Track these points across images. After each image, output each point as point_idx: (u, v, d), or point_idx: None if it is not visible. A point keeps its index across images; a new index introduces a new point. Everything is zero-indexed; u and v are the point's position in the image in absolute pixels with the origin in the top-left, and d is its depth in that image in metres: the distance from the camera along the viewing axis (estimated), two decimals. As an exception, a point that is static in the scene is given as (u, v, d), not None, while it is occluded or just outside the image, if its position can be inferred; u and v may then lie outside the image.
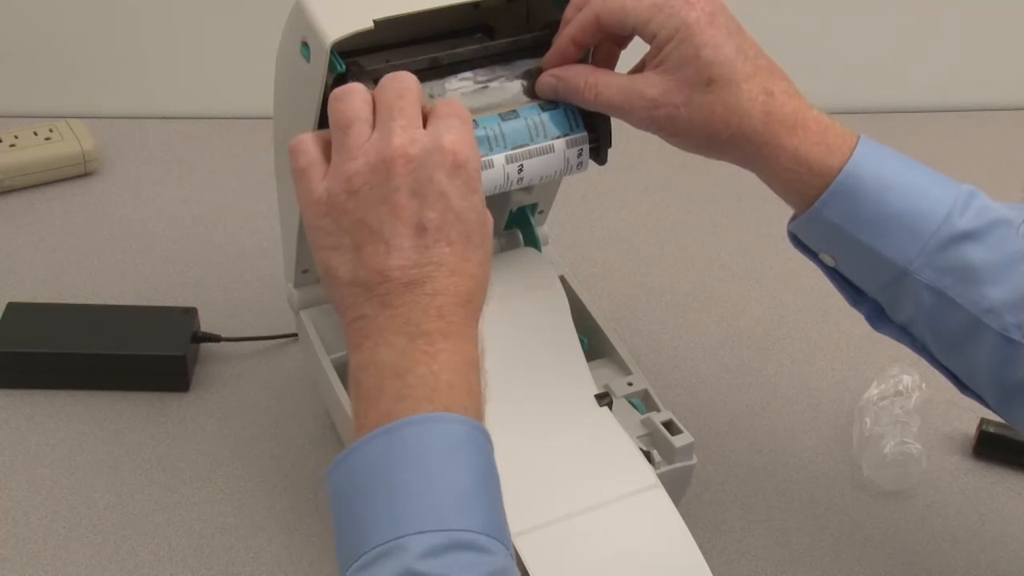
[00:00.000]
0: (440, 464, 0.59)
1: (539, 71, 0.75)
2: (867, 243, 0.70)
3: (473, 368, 0.62)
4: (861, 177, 0.69)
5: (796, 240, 0.74)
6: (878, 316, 0.74)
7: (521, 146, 0.74)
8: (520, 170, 0.74)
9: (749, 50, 0.71)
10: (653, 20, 0.70)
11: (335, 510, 0.61)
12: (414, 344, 0.61)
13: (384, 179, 0.62)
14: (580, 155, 0.76)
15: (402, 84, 0.65)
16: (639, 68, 0.73)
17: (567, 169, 0.76)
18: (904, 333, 0.74)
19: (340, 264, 0.63)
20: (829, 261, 0.73)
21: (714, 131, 0.70)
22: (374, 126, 0.64)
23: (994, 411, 0.74)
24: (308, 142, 0.65)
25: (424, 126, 0.64)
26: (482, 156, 0.73)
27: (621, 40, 0.75)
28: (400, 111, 0.64)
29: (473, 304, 0.63)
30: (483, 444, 0.61)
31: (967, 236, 0.69)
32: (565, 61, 0.74)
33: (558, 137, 0.75)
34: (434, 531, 0.57)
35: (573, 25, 0.73)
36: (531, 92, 0.76)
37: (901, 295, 0.71)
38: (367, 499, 0.59)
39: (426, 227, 0.62)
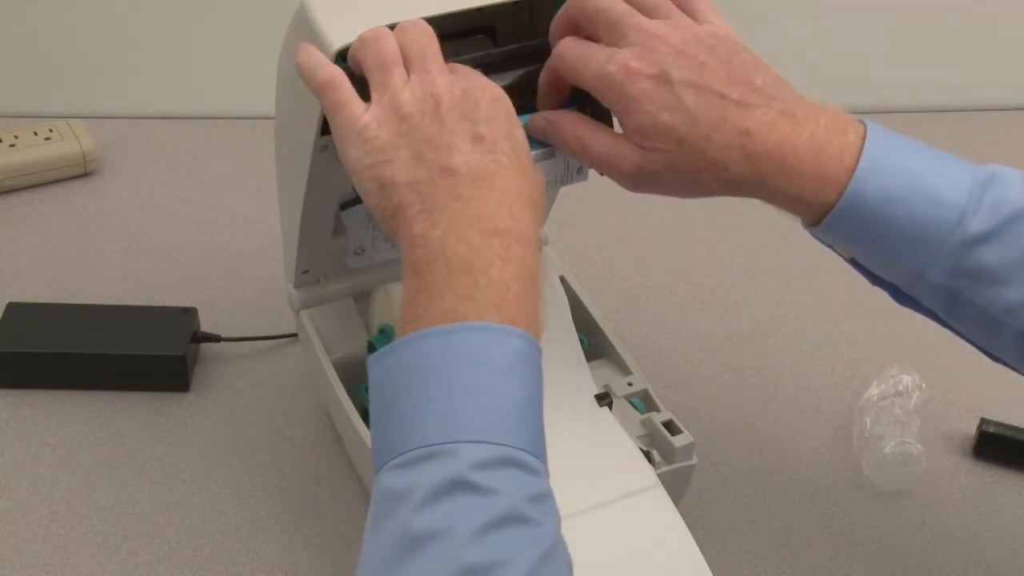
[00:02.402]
0: (500, 377, 0.58)
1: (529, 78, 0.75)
2: (880, 254, 0.69)
3: (536, 282, 0.61)
4: (864, 196, 0.67)
5: (811, 232, 0.72)
6: (900, 294, 0.72)
7: None
8: None
9: (710, 91, 0.67)
10: (600, 94, 0.68)
11: (376, 398, 0.59)
12: (488, 242, 0.60)
13: (434, 108, 0.63)
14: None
15: (426, 33, 0.67)
16: None
17: (568, 175, 0.76)
18: (928, 311, 0.72)
19: (398, 170, 0.63)
20: (845, 254, 0.72)
21: (701, 185, 0.68)
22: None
23: None
24: (341, 79, 0.66)
25: None
26: None
27: None
28: (433, 57, 0.65)
29: (538, 211, 0.63)
30: (540, 364, 0.60)
31: (981, 238, 0.67)
32: (550, 105, 0.74)
33: None
34: (490, 443, 0.56)
35: (541, 78, 0.73)
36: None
37: (919, 291, 0.70)
38: (420, 396, 0.57)
39: (483, 137, 0.63)
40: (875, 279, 0.73)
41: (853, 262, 0.73)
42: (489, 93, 0.65)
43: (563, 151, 0.72)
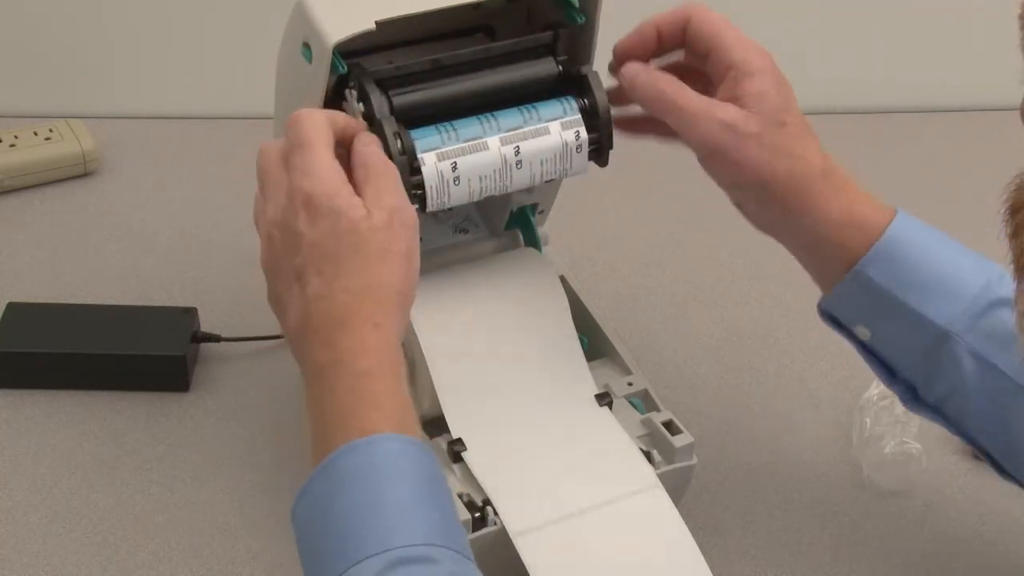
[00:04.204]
0: (369, 488, 0.60)
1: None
2: (910, 305, 0.71)
3: (368, 377, 0.64)
4: (904, 240, 0.71)
5: (829, 317, 0.76)
6: (912, 397, 0.75)
7: (515, 128, 0.74)
8: (517, 152, 0.74)
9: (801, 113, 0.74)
10: (737, 50, 0.72)
11: (300, 556, 0.62)
12: (320, 385, 0.64)
13: (272, 251, 0.67)
14: (578, 137, 0.76)
15: (262, 151, 0.69)
16: None
17: (566, 154, 0.76)
18: (937, 413, 0.75)
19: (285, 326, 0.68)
20: (864, 334, 0.74)
21: (776, 171, 0.71)
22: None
23: None
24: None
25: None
26: (476, 139, 0.74)
27: (685, 66, 0.77)
28: (263, 183, 0.68)
29: (356, 317, 0.64)
30: (411, 452, 0.62)
31: (1007, 303, 0.70)
32: (642, 42, 0.76)
33: (552, 120, 0.75)
34: (376, 554, 0.58)
35: (663, 14, 0.75)
36: None
37: (940, 364, 0.72)
38: (317, 539, 0.61)
39: (299, 273, 0.65)
40: (889, 376, 0.75)
41: (868, 353, 0.75)
42: (299, 199, 0.65)
43: (652, 90, 0.74)
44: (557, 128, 0.75)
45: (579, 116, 0.76)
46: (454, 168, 0.73)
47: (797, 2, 1.23)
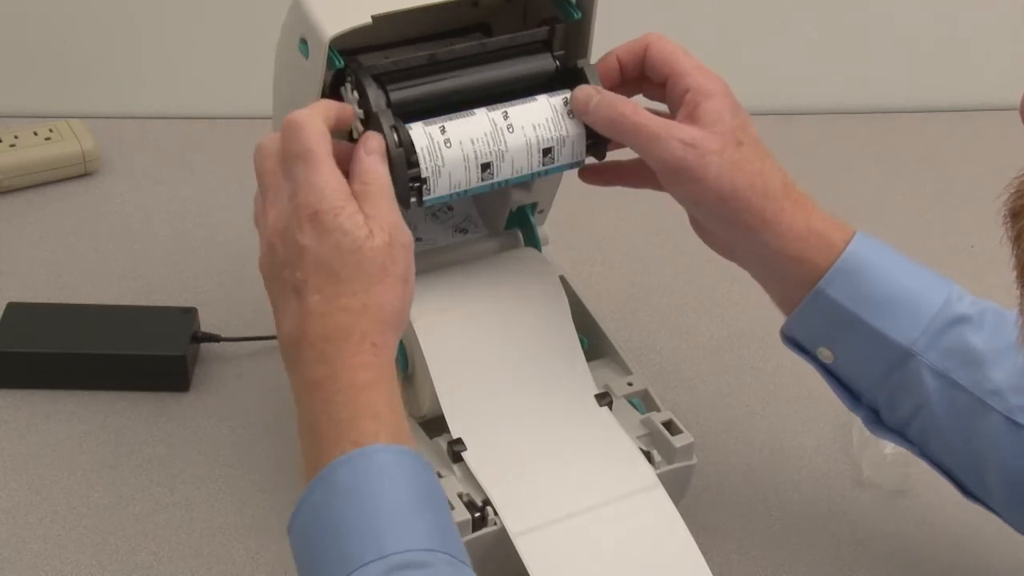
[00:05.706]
0: (365, 497, 0.61)
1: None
2: (871, 323, 0.71)
3: (367, 389, 0.64)
4: (863, 259, 0.71)
5: (791, 341, 0.76)
6: (875, 420, 0.76)
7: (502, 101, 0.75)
8: (506, 116, 0.74)
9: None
10: (694, 75, 0.73)
11: (298, 568, 0.63)
12: (312, 398, 0.65)
13: (272, 259, 0.67)
14: (566, 104, 0.75)
15: (259, 152, 0.69)
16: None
17: (558, 119, 0.75)
18: (901, 436, 0.75)
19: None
20: (827, 356, 0.74)
21: (737, 186, 0.71)
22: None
23: (1000, 515, 0.74)
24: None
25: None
26: (463, 111, 0.74)
27: (648, 88, 0.78)
28: (265, 187, 0.68)
29: (353, 335, 0.65)
30: (406, 461, 0.63)
31: (966, 320, 0.71)
32: (604, 72, 0.77)
33: (540, 94, 0.75)
34: (374, 560, 0.59)
35: (623, 45, 0.76)
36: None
37: (903, 383, 0.72)
38: (315, 550, 0.62)
39: (298, 287, 0.66)
40: (853, 400, 0.76)
41: (831, 377, 0.76)
42: (304, 213, 0.66)
43: (607, 115, 0.74)
44: (544, 96, 0.75)
45: (566, 89, 0.76)
46: (443, 131, 0.73)
47: (799, 2, 1.23)
